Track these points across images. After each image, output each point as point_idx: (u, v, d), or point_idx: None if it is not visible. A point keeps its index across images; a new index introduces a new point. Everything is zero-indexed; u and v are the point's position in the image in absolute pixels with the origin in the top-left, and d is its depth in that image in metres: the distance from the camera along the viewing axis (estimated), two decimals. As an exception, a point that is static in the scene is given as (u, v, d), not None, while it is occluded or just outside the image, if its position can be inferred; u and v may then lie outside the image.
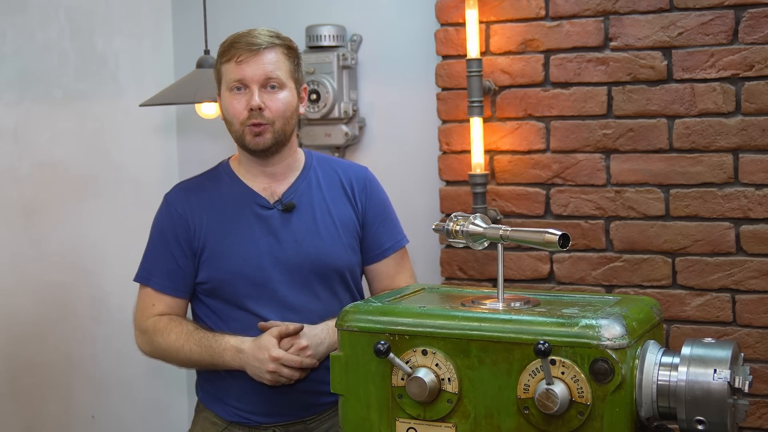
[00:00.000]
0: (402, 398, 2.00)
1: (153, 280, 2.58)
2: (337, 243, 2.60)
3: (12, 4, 3.25)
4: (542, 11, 3.14)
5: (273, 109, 2.49)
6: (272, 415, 2.56)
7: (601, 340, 1.85)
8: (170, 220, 2.59)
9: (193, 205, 2.59)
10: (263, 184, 2.60)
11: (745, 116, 2.92)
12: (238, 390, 2.55)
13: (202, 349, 2.49)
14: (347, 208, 2.65)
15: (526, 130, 3.19)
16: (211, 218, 2.57)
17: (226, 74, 2.52)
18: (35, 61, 3.34)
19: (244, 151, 2.58)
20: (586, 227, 3.12)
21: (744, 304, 2.95)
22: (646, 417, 1.93)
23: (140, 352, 2.63)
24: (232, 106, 2.51)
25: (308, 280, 2.56)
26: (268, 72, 2.48)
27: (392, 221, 2.74)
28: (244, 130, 2.50)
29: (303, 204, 2.60)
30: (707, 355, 1.91)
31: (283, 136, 2.54)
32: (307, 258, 2.56)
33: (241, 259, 2.53)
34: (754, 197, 2.91)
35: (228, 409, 2.58)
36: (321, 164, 2.70)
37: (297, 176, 2.64)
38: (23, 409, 3.28)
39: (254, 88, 2.48)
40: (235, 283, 2.53)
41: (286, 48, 2.55)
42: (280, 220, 2.57)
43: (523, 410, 1.91)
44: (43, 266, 3.37)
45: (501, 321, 1.96)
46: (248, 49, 2.48)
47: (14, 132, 3.26)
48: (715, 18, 2.93)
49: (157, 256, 2.59)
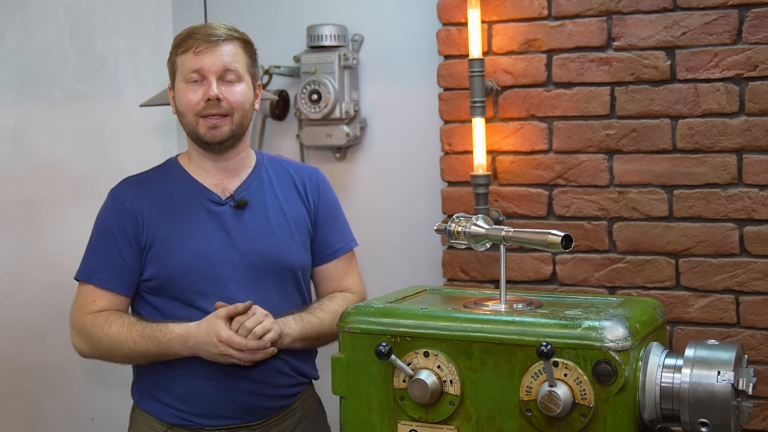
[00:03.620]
0: (404, 400, 1.99)
1: (96, 277, 2.51)
2: (290, 241, 2.59)
3: (11, 3, 3.24)
4: (545, 11, 3.13)
5: (231, 100, 2.48)
6: (216, 418, 2.50)
7: (604, 342, 1.84)
8: (117, 214, 2.53)
9: (142, 199, 2.54)
10: (215, 180, 2.57)
11: (749, 116, 2.91)
12: (182, 388, 2.50)
13: (147, 340, 2.42)
14: (300, 208, 2.63)
15: (528, 131, 3.18)
16: (160, 213, 2.52)
17: (182, 65, 2.50)
18: (35, 61, 3.33)
19: (197, 146, 2.55)
20: (589, 228, 3.11)
21: (748, 306, 2.93)
22: (649, 419, 1.92)
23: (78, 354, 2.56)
24: (187, 97, 2.48)
25: (260, 278, 2.53)
26: (226, 63, 2.47)
27: (342, 222, 2.74)
28: (198, 122, 2.48)
29: (255, 201, 2.57)
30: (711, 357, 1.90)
31: (240, 129, 2.52)
32: (260, 255, 2.53)
33: (191, 254, 2.48)
34: (758, 198, 2.90)
35: (169, 410, 2.52)
36: (272, 164, 2.68)
37: (249, 173, 2.61)
38: (23, 411, 3.27)
39: (212, 79, 2.46)
40: (185, 279, 2.48)
41: (244, 42, 2.54)
42: (232, 216, 2.53)
43: (526, 412, 1.90)
44: (42, 267, 3.36)
45: (503, 323, 1.96)
46: (206, 41, 2.47)
47: (13, 132, 3.25)
48: (719, 18, 2.92)
49: (101, 252, 2.53)
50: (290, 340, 2.48)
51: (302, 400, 2.63)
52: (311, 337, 2.53)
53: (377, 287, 2.79)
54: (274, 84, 3.62)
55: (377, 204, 3.53)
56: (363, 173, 3.55)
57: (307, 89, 3.45)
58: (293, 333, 2.48)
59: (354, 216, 3.54)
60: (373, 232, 3.52)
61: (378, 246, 3.51)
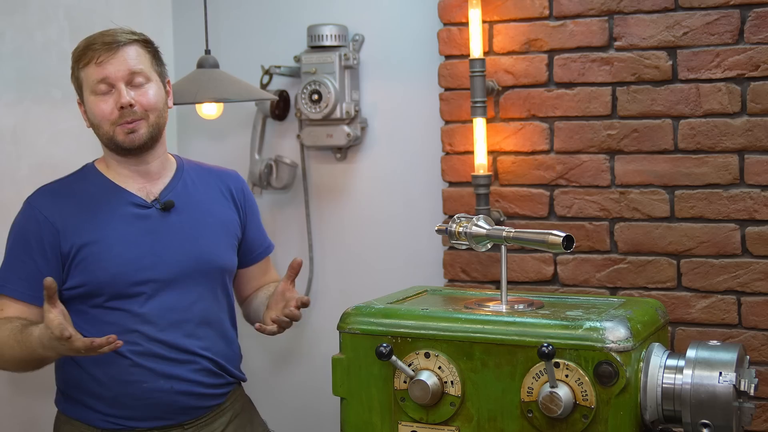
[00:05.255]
0: (404, 401, 1.99)
1: (8, 287, 2.44)
2: (220, 243, 2.59)
3: (11, 3, 3.23)
4: (546, 11, 3.13)
5: (144, 103, 2.45)
6: (148, 419, 2.48)
7: (605, 343, 1.84)
8: (35, 224, 2.47)
9: (62, 208, 2.49)
10: (138, 185, 2.54)
11: (751, 117, 2.90)
12: (110, 394, 2.46)
13: (20, 345, 2.32)
14: (230, 211, 2.64)
15: (529, 131, 3.17)
16: (82, 220, 2.47)
17: (87, 78, 2.46)
18: (34, 61, 3.32)
19: (115, 154, 2.52)
20: (591, 229, 3.11)
21: (750, 307, 2.93)
22: (650, 420, 1.92)
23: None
24: (99, 108, 2.44)
25: (192, 280, 2.52)
26: (131, 67, 2.44)
27: (261, 225, 2.78)
28: (115, 130, 2.45)
29: (182, 203, 2.55)
30: (712, 358, 1.90)
31: (157, 129, 2.50)
32: (191, 257, 2.52)
33: (121, 259, 2.44)
34: (760, 198, 2.89)
35: (98, 415, 2.49)
36: (193, 167, 2.68)
37: (172, 176, 2.60)
38: (22, 412, 3.27)
39: (120, 86, 2.43)
40: (115, 285, 2.43)
41: (144, 42, 2.52)
42: (159, 218, 2.51)
43: (527, 413, 1.89)
44: (42, 268, 3.35)
45: (504, 323, 1.96)
46: (107, 49, 2.43)
47: (13, 132, 3.24)
48: (721, 17, 2.92)
49: (15, 262, 2.46)
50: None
51: (232, 399, 2.65)
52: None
53: (378, 288, 2.78)
54: (275, 84, 3.61)
55: (378, 204, 3.53)
56: (363, 173, 3.55)
57: (307, 89, 3.44)
58: None
59: (354, 216, 3.55)
60: (373, 232, 3.52)
61: (379, 246, 3.51)
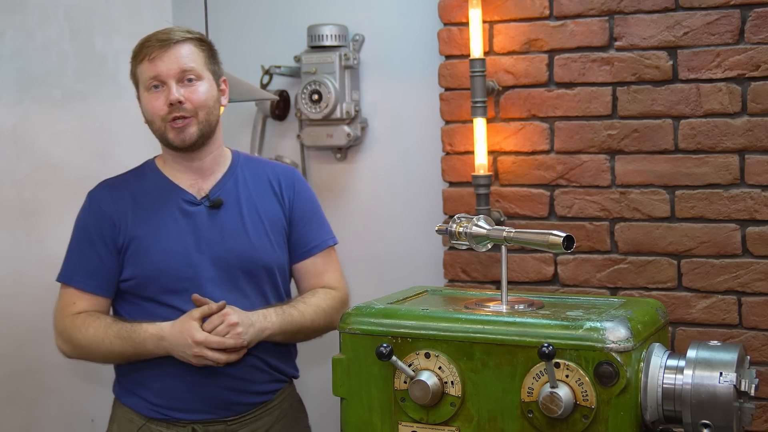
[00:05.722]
0: (405, 401, 1.99)
1: (76, 279, 2.57)
2: (264, 240, 2.60)
3: (11, 3, 3.23)
4: (546, 11, 3.12)
5: (194, 100, 2.49)
6: (193, 412, 2.53)
7: (605, 343, 1.84)
8: (95, 217, 2.57)
9: (118, 201, 2.58)
10: (190, 181, 2.60)
11: (752, 117, 2.90)
12: (158, 384, 2.53)
13: (123, 340, 2.46)
14: (275, 206, 2.65)
15: (530, 131, 3.17)
16: (136, 214, 2.55)
17: (141, 74, 2.53)
18: (34, 61, 3.32)
19: (169, 149, 2.58)
20: (591, 229, 3.10)
21: (750, 307, 2.92)
22: (651, 420, 1.92)
23: (62, 354, 2.61)
24: (150, 104, 2.51)
25: (235, 277, 2.55)
26: (182, 65, 2.49)
27: (320, 220, 2.75)
28: (166, 126, 2.50)
29: (230, 201, 2.59)
30: (713, 358, 1.89)
31: (207, 127, 2.53)
32: (234, 254, 2.55)
33: (167, 255, 2.52)
34: (761, 198, 2.89)
35: (146, 404, 2.55)
36: (248, 163, 2.70)
37: (224, 173, 2.64)
38: (22, 413, 3.26)
39: (171, 83, 2.48)
40: (161, 279, 2.51)
41: (198, 41, 2.55)
42: (206, 216, 2.56)
43: (527, 414, 1.89)
44: (42, 268, 3.34)
45: (505, 323, 1.95)
46: (160, 46, 2.49)
47: (13, 133, 3.24)
48: (721, 17, 2.91)
49: (80, 255, 2.58)
50: (269, 333, 2.51)
51: (281, 398, 2.65)
52: (291, 331, 2.56)
53: (378, 288, 2.78)
54: (275, 84, 3.61)
55: (378, 204, 3.53)
56: (364, 174, 3.54)
57: (307, 89, 3.44)
58: (273, 326, 2.51)
59: (355, 216, 3.54)
60: (373, 232, 3.52)
61: (379, 246, 3.50)
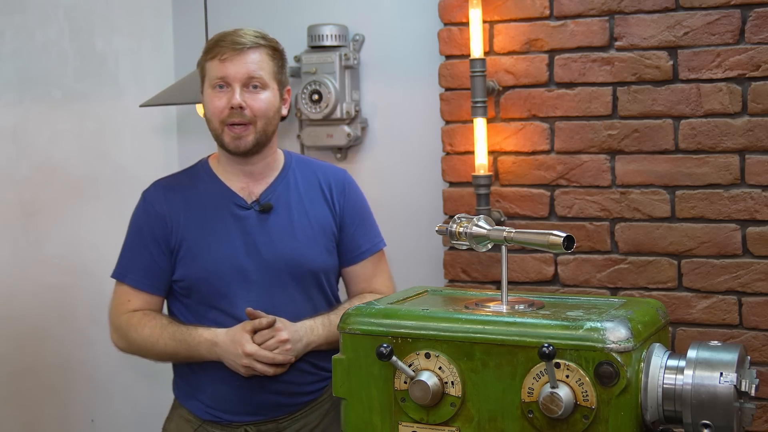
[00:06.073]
0: (405, 402, 1.98)
1: (129, 277, 2.61)
2: (312, 245, 2.62)
3: (11, 3, 3.23)
4: (546, 11, 3.12)
5: (254, 108, 2.52)
6: (245, 414, 2.58)
7: (606, 343, 1.83)
8: (148, 217, 2.61)
9: (171, 202, 2.61)
10: (241, 184, 2.62)
11: (752, 117, 2.89)
12: (211, 389, 2.58)
13: (177, 342, 2.52)
14: (324, 210, 2.67)
15: (530, 131, 3.17)
16: (188, 216, 2.59)
17: (209, 71, 2.55)
18: (34, 61, 3.32)
19: (223, 151, 2.60)
20: (591, 229, 3.10)
21: (750, 307, 2.92)
22: (651, 421, 1.91)
23: (116, 348, 2.66)
24: (212, 103, 2.53)
25: (283, 281, 2.58)
26: (250, 71, 2.51)
27: (370, 224, 2.77)
28: (224, 129, 2.53)
29: (280, 205, 2.62)
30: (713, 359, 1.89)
31: (264, 136, 2.56)
32: (282, 259, 2.57)
33: (216, 258, 2.55)
34: (761, 198, 2.89)
35: (201, 406, 2.61)
36: (300, 166, 2.71)
37: (276, 177, 2.66)
38: (22, 414, 3.26)
39: (236, 87, 2.50)
40: (211, 281, 2.55)
41: (271, 49, 2.57)
42: (256, 220, 2.59)
43: (528, 414, 1.89)
44: (42, 268, 3.35)
45: (505, 324, 1.95)
46: (232, 48, 2.51)
47: (13, 133, 3.24)
48: (722, 17, 2.91)
49: (134, 253, 2.62)
50: (315, 346, 2.56)
51: (329, 393, 2.67)
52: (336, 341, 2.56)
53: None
54: (275, 84, 3.61)
55: (378, 204, 3.50)
56: (364, 174, 3.54)
57: (307, 89, 3.44)
58: (318, 339, 2.56)
59: (355, 216, 3.54)
60: (374, 232, 3.51)
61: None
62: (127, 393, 3.70)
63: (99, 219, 3.55)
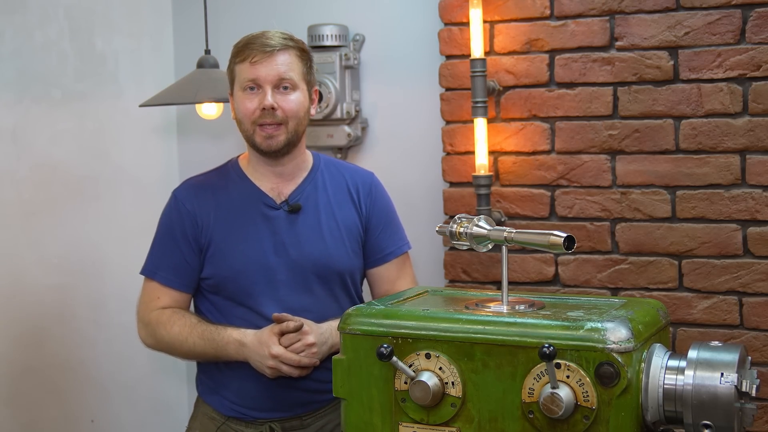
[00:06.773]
0: (405, 402, 1.98)
1: (159, 274, 2.64)
2: (339, 246, 2.66)
3: (11, 3, 3.23)
4: (547, 10, 3.12)
5: (286, 109, 2.55)
6: (269, 411, 2.61)
7: (606, 344, 1.83)
8: (178, 215, 2.64)
9: (201, 201, 2.64)
10: (271, 184, 2.65)
11: (753, 117, 2.89)
12: (236, 386, 2.61)
13: (206, 341, 2.55)
14: (351, 212, 2.70)
15: (530, 131, 3.16)
16: (218, 215, 2.63)
17: (239, 74, 2.58)
18: (34, 61, 3.32)
19: (254, 151, 2.64)
20: (592, 229, 3.10)
21: (751, 307, 2.92)
22: (652, 421, 1.91)
23: (143, 344, 2.68)
24: (244, 105, 2.56)
25: (309, 282, 2.61)
26: (281, 73, 2.55)
27: (395, 226, 2.80)
28: (255, 130, 2.56)
29: (308, 206, 2.65)
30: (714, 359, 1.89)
31: (295, 136, 2.60)
32: (309, 259, 2.61)
33: (245, 257, 2.58)
34: (762, 199, 2.89)
35: (225, 403, 2.64)
36: (328, 167, 2.75)
37: (304, 178, 2.69)
38: (22, 414, 3.26)
39: (267, 89, 2.54)
40: (238, 280, 2.59)
41: (299, 50, 2.61)
42: (285, 220, 2.62)
43: (528, 414, 1.89)
44: (42, 268, 3.35)
45: (505, 324, 1.94)
46: (262, 51, 2.54)
47: (13, 133, 3.24)
48: (722, 17, 2.91)
49: (164, 251, 2.65)
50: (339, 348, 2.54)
51: None
52: None
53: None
54: (275, 84, 3.60)
55: (378, 205, 3.52)
56: (364, 174, 3.54)
57: (308, 89, 3.44)
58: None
59: (355, 217, 3.53)
60: (374, 233, 3.51)
61: (379, 247, 3.50)
62: (127, 393, 3.70)
63: (99, 219, 3.55)
